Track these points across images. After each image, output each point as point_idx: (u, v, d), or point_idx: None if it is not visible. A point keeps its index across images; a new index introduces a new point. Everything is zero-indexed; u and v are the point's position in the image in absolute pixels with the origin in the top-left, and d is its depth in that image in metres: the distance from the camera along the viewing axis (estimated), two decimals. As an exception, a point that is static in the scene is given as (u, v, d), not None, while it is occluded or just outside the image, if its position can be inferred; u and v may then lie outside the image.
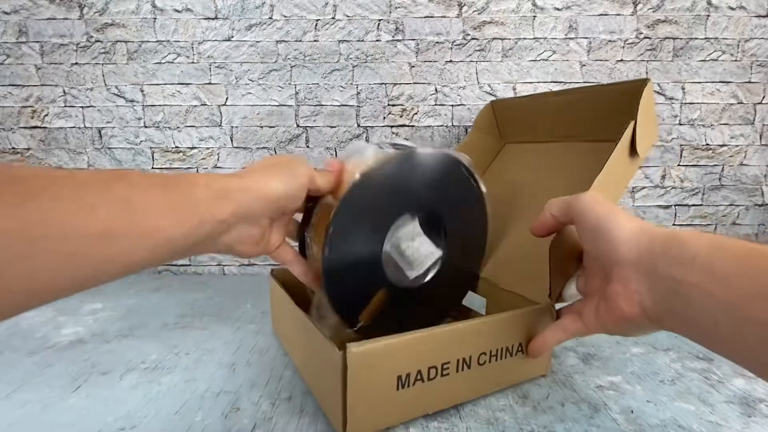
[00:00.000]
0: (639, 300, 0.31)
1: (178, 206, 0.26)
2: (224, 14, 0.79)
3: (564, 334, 0.39)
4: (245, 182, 0.31)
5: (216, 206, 0.28)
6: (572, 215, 0.37)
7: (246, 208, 0.30)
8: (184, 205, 0.26)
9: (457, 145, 0.82)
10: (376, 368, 0.34)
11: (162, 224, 0.25)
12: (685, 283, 0.28)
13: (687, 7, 0.79)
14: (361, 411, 0.34)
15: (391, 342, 0.35)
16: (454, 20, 0.79)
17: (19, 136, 0.82)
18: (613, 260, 0.33)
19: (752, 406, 0.40)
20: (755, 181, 0.83)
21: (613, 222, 0.33)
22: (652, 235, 0.31)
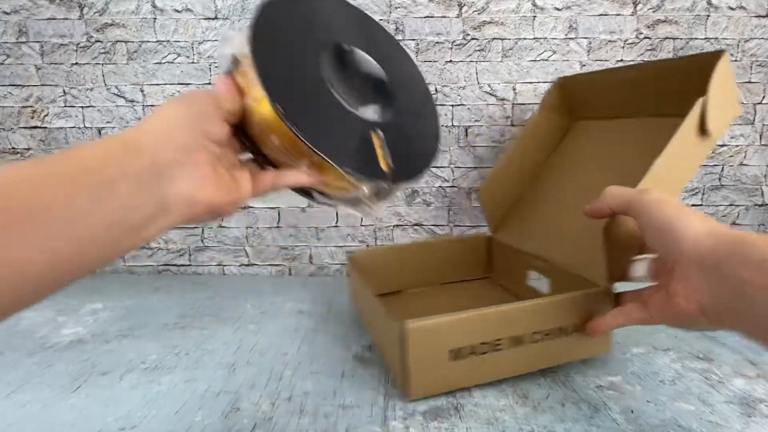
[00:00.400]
0: (698, 298, 0.33)
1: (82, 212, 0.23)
2: (224, 14, 0.79)
3: (626, 319, 0.41)
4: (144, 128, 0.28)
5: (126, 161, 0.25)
6: (633, 212, 0.37)
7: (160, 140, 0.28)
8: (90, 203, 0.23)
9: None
10: (430, 341, 0.40)
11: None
12: (752, 284, 0.28)
13: (687, 7, 0.79)
14: (419, 377, 0.40)
15: (444, 319, 0.40)
16: (454, 20, 0.79)
17: (19, 136, 0.82)
18: (675, 257, 0.34)
19: (752, 406, 0.40)
20: (755, 181, 0.83)
21: (683, 222, 0.34)
22: (718, 236, 0.32)
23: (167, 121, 0.29)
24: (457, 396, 0.42)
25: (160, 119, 0.29)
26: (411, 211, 0.84)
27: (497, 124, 0.82)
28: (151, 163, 0.26)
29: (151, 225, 0.27)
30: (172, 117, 0.29)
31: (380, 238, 0.84)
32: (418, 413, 0.40)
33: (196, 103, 0.31)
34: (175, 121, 0.29)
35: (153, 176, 0.26)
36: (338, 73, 0.40)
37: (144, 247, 0.85)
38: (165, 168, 0.27)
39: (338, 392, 0.43)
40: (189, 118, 0.30)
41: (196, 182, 0.29)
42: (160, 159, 0.27)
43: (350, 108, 0.39)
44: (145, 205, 0.26)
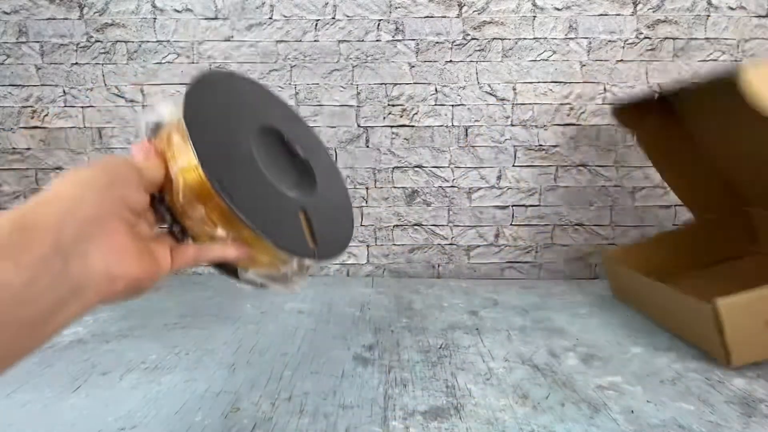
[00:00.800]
0: None
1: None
2: (224, 14, 0.79)
3: None
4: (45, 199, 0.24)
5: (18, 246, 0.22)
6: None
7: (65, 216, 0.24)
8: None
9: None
10: (743, 315, 0.45)
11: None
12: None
13: (687, 7, 0.79)
14: (739, 347, 0.46)
15: (754, 294, 0.46)
16: (454, 20, 0.79)
17: (19, 136, 0.82)
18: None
19: (752, 406, 0.40)
20: (755, 181, 0.83)
21: None
22: None
23: (77, 186, 0.25)
24: (457, 396, 0.42)
25: (67, 185, 0.25)
26: (411, 211, 0.84)
27: (497, 124, 0.82)
28: (53, 244, 0.22)
29: (59, 314, 0.23)
30: (84, 181, 0.25)
31: (380, 237, 0.84)
32: (418, 413, 0.40)
33: (114, 168, 0.28)
34: (87, 185, 0.25)
35: (56, 258, 0.23)
36: (265, 152, 0.41)
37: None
38: (72, 245, 0.23)
39: (338, 392, 0.43)
40: (104, 182, 0.26)
41: (114, 255, 0.25)
42: (66, 236, 0.23)
43: (278, 186, 0.40)
44: (45, 295, 0.22)
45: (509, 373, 0.47)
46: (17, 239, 0.21)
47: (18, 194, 0.83)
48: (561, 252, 0.85)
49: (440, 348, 0.52)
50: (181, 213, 0.33)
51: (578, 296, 0.71)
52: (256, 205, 0.35)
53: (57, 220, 0.23)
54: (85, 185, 0.25)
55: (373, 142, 0.82)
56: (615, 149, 0.82)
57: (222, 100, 0.38)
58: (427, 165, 0.83)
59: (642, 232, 0.84)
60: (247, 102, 0.42)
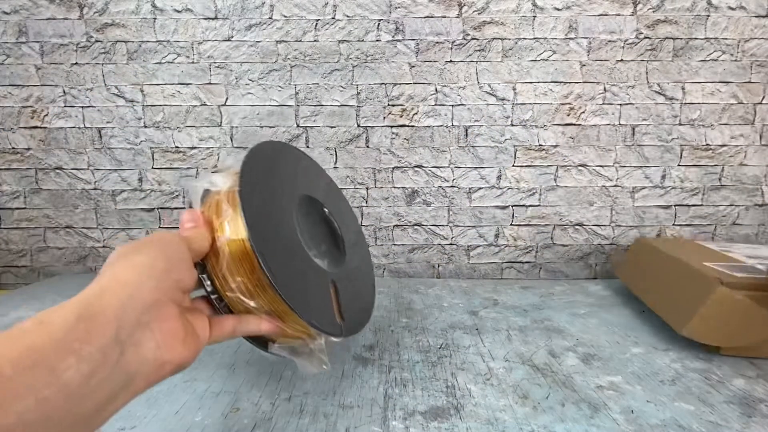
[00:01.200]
0: None
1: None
2: (224, 14, 0.79)
3: None
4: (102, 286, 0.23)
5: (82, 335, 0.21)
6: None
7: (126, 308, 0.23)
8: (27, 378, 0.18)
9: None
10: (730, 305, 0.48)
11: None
12: None
13: (687, 7, 0.79)
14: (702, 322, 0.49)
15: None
16: (454, 20, 0.79)
17: (19, 136, 0.82)
18: None
19: (752, 406, 0.40)
20: (755, 181, 0.83)
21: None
22: None
23: (136, 271, 0.25)
24: (457, 396, 0.42)
25: (127, 270, 0.25)
26: (411, 211, 0.84)
27: (497, 124, 0.82)
28: (113, 335, 0.21)
29: (110, 406, 0.22)
30: (143, 266, 0.25)
31: (380, 237, 0.84)
32: (418, 413, 0.40)
33: (169, 248, 0.27)
34: (146, 270, 0.25)
35: (115, 349, 0.22)
36: (305, 221, 0.42)
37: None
38: (129, 335, 0.23)
39: (338, 392, 0.43)
40: (162, 267, 0.26)
41: (166, 341, 0.25)
42: (125, 325, 0.22)
43: (314, 257, 0.40)
44: (102, 388, 0.21)
45: (509, 373, 0.47)
46: (82, 330, 0.21)
47: (18, 194, 0.83)
48: (561, 252, 0.85)
49: (440, 348, 0.52)
50: (221, 281, 0.33)
51: (578, 296, 0.71)
52: (294, 280, 0.35)
53: (118, 308, 0.22)
54: (144, 270, 0.25)
55: (373, 142, 0.82)
56: (615, 149, 0.82)
57: (271, 172, 0.39)
58: (427, 165, 0.83)
59: (642, 232, 0.84)
60: (292, 173, 0.42)
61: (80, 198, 0.84)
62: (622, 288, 0.75)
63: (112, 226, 0.84)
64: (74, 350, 0.20)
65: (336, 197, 0.52)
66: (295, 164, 0.46)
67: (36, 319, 0.21)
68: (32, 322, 0.20)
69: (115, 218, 0.84)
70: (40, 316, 0.21)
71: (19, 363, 0.18)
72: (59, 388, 0.19)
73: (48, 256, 0.85)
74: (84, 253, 0.85)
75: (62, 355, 0.20)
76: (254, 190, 0.35)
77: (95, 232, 0.85)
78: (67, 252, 0.85)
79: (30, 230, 0.84)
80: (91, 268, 0.86)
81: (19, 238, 0.84)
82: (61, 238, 0.84)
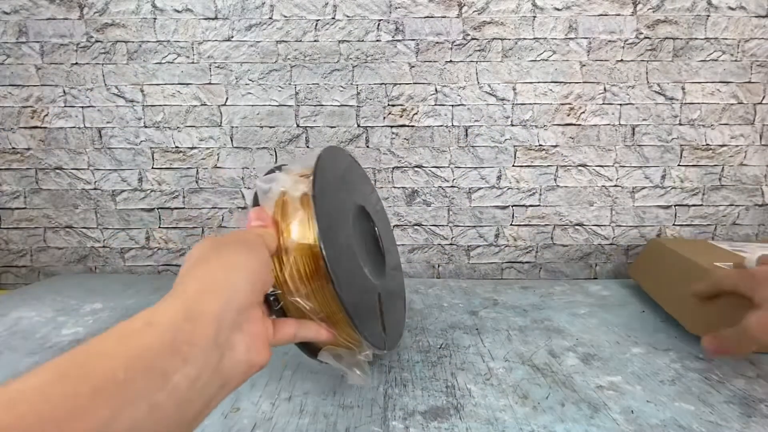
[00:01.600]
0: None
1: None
2: (224, 14, 0.79)
3: None
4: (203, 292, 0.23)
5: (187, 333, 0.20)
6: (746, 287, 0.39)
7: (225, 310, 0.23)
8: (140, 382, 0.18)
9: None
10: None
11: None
12: None
13: (687, 7, 0.79)
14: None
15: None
16: (454, 20, 0.79)
17: (19, 136, 0.82)
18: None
19: (752, 406, 0.40)
20: (755, 181, 0.83)
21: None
22: None
23: (232, 272, 0.24)
24: (457, 396, 0.42)
25: (226, 270, 0.24)
26: (411, 211, 0.84)
27: (497, 124, 0.82)
28: (213, 337, 0.21)
29: (206, 411, 0.21)
30: (238, 267, 0.25)
31: (380, 238, 0.84)
32: (418, 413, 0.40)
33: (257, 249, 0.27)
34: (241, 272, 0.25)
35: (215, 353, 0.21)
36: (358, 232, 0.41)
37: (144, 247, 0.85)
38: (226, 338, 0.22)
39: (338, 392, 0.43)
40: (255, 268, 0.26)
41: (254, 343, 0.25)
42: (223, 328, 0.22)
43: (365, 270, 0.40)
44: (203, 393, 0.21)
45: (509, 373, 0.47)
46: (189, 332, 0.20)
47: (18, 194, 0.83)
48: (561, 252, 0.85)
49: (440, 348, 0.52)
50: (281, 283, 0.33)
51: (578, 296, 0.71)
52: (351, 290, 0.35)
53: (218, 311, 0.22)
54: (241, 272, 0.25)
55: (373, 142, 0.82)
56: (615, 149, 0.82)
57: (334, 178, 0.39)
58: (427, 165, 0.83)
59: (641, 232, 0.84)
60: (348, 180, 0.42)
61: (80, 198, 0.84)
62: (622, 288, 0.75)
63: (112, 226, 0.84)
64: (182, 353, 0.19)
65: (382, 213, 0.52)
66: (353, 172, 0.45)
67: (143, 319, 0.20)
68: (141, 322, 0.20)
69: (115, 218, 0.84)
70: (147, 316, 0.20)
71: (132, 366, 0.18)
72: (169, 393, 0.18)
73: (48, 256, 0.85)
74: (84, 253, 0.85)
75: (172, 359, 0.19)
76: (325, 195, 0.35)
77: (95, 232, 0.85)
78: (67, 252, 0.85)
79: (30, 230, 0.84)
80: (91, 268, 0.86)
81: (19, 238, 0.84)
82: (61, 238, 0.84)
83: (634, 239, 0.84)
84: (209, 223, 0.84)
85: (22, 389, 0.16)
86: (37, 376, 0.16)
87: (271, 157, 0.83)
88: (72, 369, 0.17)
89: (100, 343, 0.19)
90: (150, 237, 0.85)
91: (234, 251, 0.26)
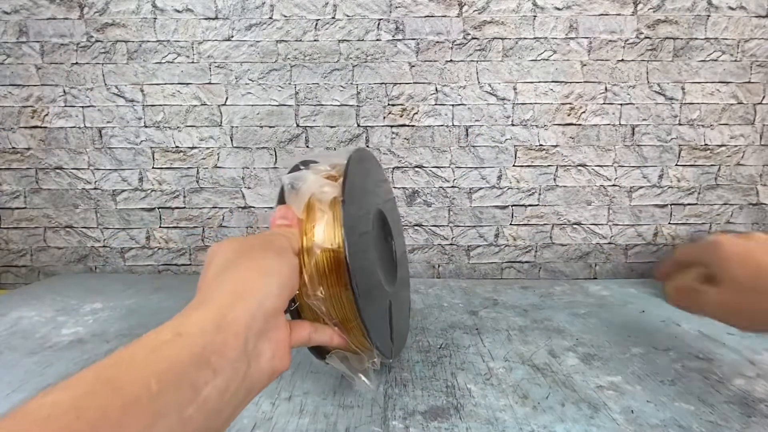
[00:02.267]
0: None
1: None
2: (224, 14, 0.79)
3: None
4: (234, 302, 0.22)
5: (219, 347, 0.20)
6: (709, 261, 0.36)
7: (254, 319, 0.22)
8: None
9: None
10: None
11: None
12: None
13: (687, 7, 0.79)
14: None
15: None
16: (455, 20, 0.79)
17: (19, 135, 0.82)
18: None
19: (752, 406, 0.40)
20: (750, 180, 0.83)
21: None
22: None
23: (266, 278, 0.23)
24: (457, 396, 0.42)
25: (257, 275, 0.23)
26: (411, 212, 0.84)
27: (498, 124, 0.82)
28: (242, 347, 0.21)
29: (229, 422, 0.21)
30: (271, 272, 0.24)
31: (380, 237, 0.84)
32: (418, 413, 0.40)
33: (287, 254, 0.26)
34: (274, 277, 0.24)
35: (243, 362, 0.21)
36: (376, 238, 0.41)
37: (144, 247, 0.85)
38: (253, 346, 0.22)
39: (338, 392, 0.43)
40: (287, 274, 0.25)
41: (278, 351, 0.24)
42: (251, 335, 0.21)
43: (380, 277, 0.39)
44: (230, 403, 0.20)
45: (509, 373, 0.47)
46: (219, 343, 0.19)
47: (18, 194, 0.83)
48: (560, 251, 0.85)
49: (440, 348, 0.52)
50: (302, 287, 0.33)
51: (578, 296, 0.71)
52: (368, 299, 0.35)
53: (248, 319, 0.21)
54: (272, 277, 0.24)
55: (373, 141, 0.82)
56: (614, 149, 0.82)
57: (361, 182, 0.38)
58: (427, 165, 0.83)
59: (638, 231, 0.84)
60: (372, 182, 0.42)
61: (80, 198, 0.84)
62: (622, 288, 0.75)
63: (113, 225, 0.84)
64: (212, 365, 0.19)
65: (394, 212, 0.51)
66: (376, 173, 0.45)
67: (172, 329, 0.20)
68: (170, 333, 0.19)
69: (116, 218, 0.84)
70: (176, 325, 0.20)
71: (163, 380, 0.18)
72: (199, 406, 0.18)
73: (48, 255, 0.85)
74: (84, 253, 0.85)
75: (202, 371, 0.19)
76: (353, 201, 0.35)
77: (95, 232, 0.85)
78: (67, 252, 0.85)
79: (30, 230, 0.84)
80: (91, 268, 0.86)
81: (19, 238, 0.84)
82: (61, 238, 0.84)
83: (632, 238, 0.85)
84: (210, 223, 0.84)
85: (57, 402, 0.16)
86: (69, 389, 0.17)
87: (271, 156, 0.83)
88: (102, 383, 0.17)
89: (130, 354, 0.19)
90: (150, 237, 0.85)
91: (265, 255, 0.25)
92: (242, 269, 0.24)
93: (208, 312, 0.21)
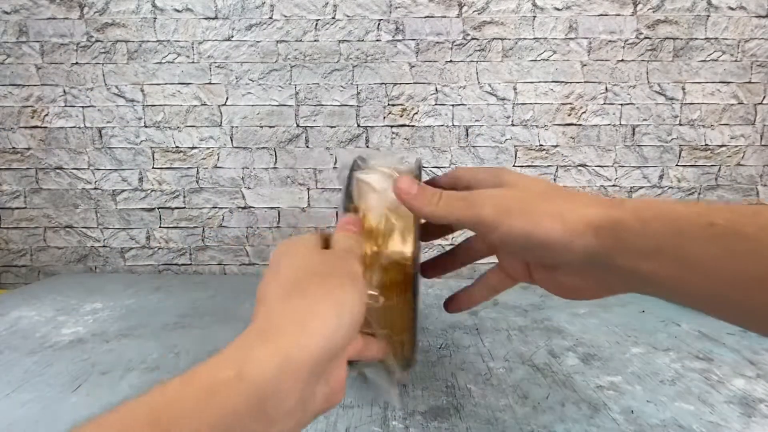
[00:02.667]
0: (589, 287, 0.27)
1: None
2: (224, 14, 0.79)
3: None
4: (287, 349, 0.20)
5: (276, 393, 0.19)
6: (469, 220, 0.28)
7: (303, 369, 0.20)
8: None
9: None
10: None
11: None
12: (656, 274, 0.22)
13: (687, 7, 0.79)
14: None
15: None
16: (454, 20, 0.79)
17: (19, 135, 0.82)
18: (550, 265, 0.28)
19: (752, 406, 0.40)
20: (750, 180, 0.83)
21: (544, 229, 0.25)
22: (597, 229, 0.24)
23: (337, 311, 0.21)
24: (457, 396, 0.42)
25: (331, 309, 0.21)
26: (411, 211, 0.84)
27: (498, 124, 0.82)
28: (302, 389, 0.19)
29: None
30: (346, 309, 0.22)
31: (380, 238, 0.84)
32: (418, 413, 0.40)
33: (360, 284, 0.24)
34: (346, 311, 0.22)
35: (297, 410, 0.20)
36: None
37: (144, 247, 0.85)
38: (311, 392, 0.20)
39: (338, 392, 0.43)
40: (358, 311, 0.23)
41: (334, 392, 0.23)
42: (313, 379, 0.20)
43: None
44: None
45: (509, 373, 0.47)
46: (278, 391, 0.18)
47: (18, 194, 0.83)
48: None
49: (440, 348, 0.52)
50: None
51: (578, 296, 0.71)
52: (418, 312, 0.34)
53: (313, 361, 0.20)
54: (346, 315, 0.22)
55: (373, 141, 0.82)
56: (615, 149, 0.82)
57: None
58: (427, 165, 0.83)
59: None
60: None
61: (80, 198, 0.83)
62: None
63: (113, 225, 0.84)
64: (269, 416, 0.18)
65: None
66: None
67: (233, 364, 0.18)
68: (232, 374, 0.18)
69: (116, 218, 0.84)
70: (237, 363, 0.18)
71: (217, 428, 0.17)
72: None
73: (48, 255, 0.85)
74: (84, 253, 0.85)
75: (257, 423, 0.18)
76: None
77: (95, 232, 0.84)
78: (67, 252, 0.85)
79: (30, 230, 0.84)
80: (91, 268, 0.86)
81: (19, 238, 0.84)
82: (61, 238, 0.84)
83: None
84: (210, 223, 0.84)
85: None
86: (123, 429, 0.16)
87: (271, 157, 0.83)
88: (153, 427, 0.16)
89: (184, 395, 0.18)
90: (150, 236, 0.85)
91: (341, 283, 0.23)
92: (314, 298, 0.22)
93: (273, 351, 0.19)
